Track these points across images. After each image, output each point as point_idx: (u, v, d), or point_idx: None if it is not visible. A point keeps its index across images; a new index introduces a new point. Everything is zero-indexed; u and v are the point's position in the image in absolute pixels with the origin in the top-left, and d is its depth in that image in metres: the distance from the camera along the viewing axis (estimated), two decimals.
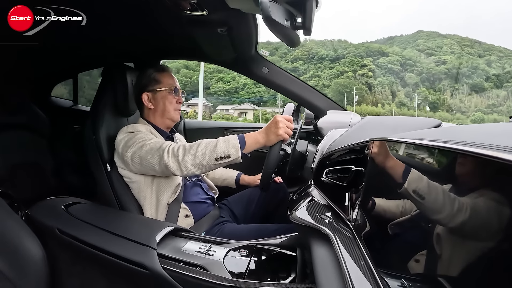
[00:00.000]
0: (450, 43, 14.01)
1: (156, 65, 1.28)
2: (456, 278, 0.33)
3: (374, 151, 0.58)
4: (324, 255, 0.61)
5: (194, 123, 2.02)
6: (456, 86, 11.39)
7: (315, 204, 0.87)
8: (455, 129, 0.65)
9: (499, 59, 12.94)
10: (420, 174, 0.44)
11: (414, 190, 0.43)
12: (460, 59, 13.02)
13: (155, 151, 1.01)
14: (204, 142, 0.98)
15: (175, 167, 0.97)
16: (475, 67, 11.48)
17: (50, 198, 1.06)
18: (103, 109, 1.18)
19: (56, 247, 0.89)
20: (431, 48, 13.95)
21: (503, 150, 0.27)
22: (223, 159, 0.96)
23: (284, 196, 1.37)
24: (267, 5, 0.61)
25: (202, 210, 1.20)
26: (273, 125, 0.97)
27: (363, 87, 11.88)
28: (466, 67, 11.56)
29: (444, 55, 13.34)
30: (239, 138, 0.98)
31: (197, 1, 0.84)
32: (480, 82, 11.22)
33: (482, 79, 11.40)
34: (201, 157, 0.96)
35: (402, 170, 0.48)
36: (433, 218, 0.39)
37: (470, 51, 12.67)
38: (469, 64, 11.35)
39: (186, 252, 0.80)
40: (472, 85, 11.04)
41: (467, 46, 13.50)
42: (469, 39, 13.36)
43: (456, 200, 0.34)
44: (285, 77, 1.61)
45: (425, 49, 13.87)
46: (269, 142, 0.98)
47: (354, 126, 1.07)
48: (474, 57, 13.06)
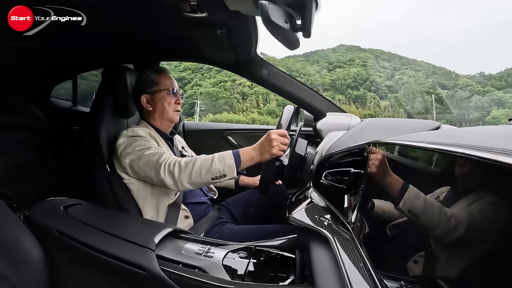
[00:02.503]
0: (367, 57, 14.17)
1: (155, 67, 1.28)
2: (455, 281, 0.33)
3: (373, 153, 0.58)
4: (323, 257, 0.61)
5: (193, 125, 2.02)
6: (338, 97, 11.71)
7: (314, 206, 0.87)
8: (454, 131, 0.65)
9: (415, 72, 13.24)
10: (418, 178, 0.44)
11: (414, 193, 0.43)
12: (369, 71, 13.15)
13: (152, 165, 1.01)
14: (200, 160, 0.98)
15: (171, 183, 0.98)
16: (366, 79, 11.70)
17: (49, 199, 1.06)
18: (103, 110, 1.17)
19: (55, 248, 0.89)
20: (342, 61, 14.06)
21: (503, 153, 0.27)
22: (218, 178, 0.96)
23: (283, 198, 1.37)
24: (267, 7, 0.61)
25: (202, 211, 1.20)
26: (267, 143, 0.96)
27: (237, 96, 12.08)
28: (351, 79, 11.78)
29: (354, 68, 13.47)
30: (234, 155, 0.98)
31: (197, 2, 0.84)
32: (364, 93, 11.48)
33: (365, 91, 11.68)
34: (197, 176, 0.96)
35: (401, 173, 0.48)
36: (432, 222, 0.39)
37: (386, 64, 12.86)
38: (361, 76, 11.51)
39: (185, 253, 0.80)
40: (355, 96, 11.30)
41: (384, 60, 13.67)
42: (389, 54, 13.63)
43: (455, 203, 0.34)
44: (285, 79, 1.61)
45: (335, 62, 13.97)
46: (263, 160, 0.98)
47: (353, 128, 1.08)
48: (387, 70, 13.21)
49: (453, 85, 10.30)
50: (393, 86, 9.15)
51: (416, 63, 12.20)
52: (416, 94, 9.57)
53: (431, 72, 11.14)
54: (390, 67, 9.45)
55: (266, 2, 0.61)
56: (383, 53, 10.75)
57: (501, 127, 0.53)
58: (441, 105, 9.45)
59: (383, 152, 0.55)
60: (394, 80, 9.28)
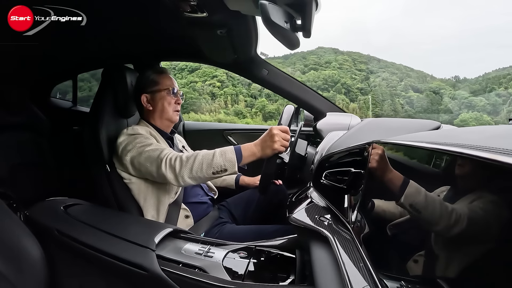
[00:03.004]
0: (344, 59, 14.09)
1: (155, 67, 1.28)
2: (455, 279, 0.33)
3: (373, 153, 0.58)
4: (323, 257, 0.61)
5: (193, 125, 2.02)
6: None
7: (314, 206, 0.87)
8: (454, 131, 0.65)
9: (390, 75, 13.19)
10: (419, 177, 0.44)
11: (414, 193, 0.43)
12: (340, 74, 13.11)
13: (153, 160, 1.01)
14: (201, 154, 0.98)
15: (173, 178, 0.98)
16: (337, 81, 11.62)
17: (49, 199, 1.06)
18: (103, 110, 1.17)
19: (55, 248, 0.89)
20: (318, 64, 13.98)
21: (502, 153, 0.27)
22: (219, 173, 0.96)
23: (283, 198, 1.37)
24: (267, 7, 0.61)
25: (202, 211, 1.20)
26: (269, 138, 0.96)
27: (207, 97, 12.01)
28: (322, 81, 11.69)
29: (327, 70, 13.47)
30: (235, 150, 0.97)
31: (197, 2, 0.84)
32: (333, 95, 11.44)
33: (335, 93, 11.63)
34: (198, 170, 0.96)
35: (401, 172, 0.48)
36: (433, 216, 0.39)
37: (363, 67, 12.74)
38: (332, 78, 11.42)
39: (185, 253, 0.80)
40: (325, 97, 11.28)
41: (361, 63, 13.54)
42: (367, 56, 13.41)
43: (454, 203, 0.34)
44: (285, 79, 1.61)
45: (311, 64, 13.88)
46: (265, 155, 0.98)
47: (354, 128, 1.08)
48: (363, 72, 13.09)
49: (425, 88, 10.45)
50: (365, 88, 9.19)
51: (394, 66, 12.26)
52: (385, 97, 9.68)
53: (405, 75, 11.28)
54: (367, 70, 9.44)
55: (266, 2, 0.61)
56: (361, 56, 10.81)
57: (501, 127, 0.53)
58: (412, 107, 9.50)
59: (383, 149, 0.55)
60: (366, 83, 9.30)
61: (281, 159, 1.21)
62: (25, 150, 1.62)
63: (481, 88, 9.87)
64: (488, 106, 8.89)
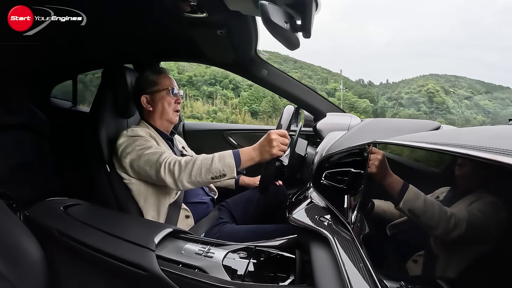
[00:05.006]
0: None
1: (155, 67, 1.28)
2: (455, 280, 0.33)
3: (373, 158, 0.58)
4: (323, 257, 0.61)
5: (193, 125, 2.02)
6: (193, 92, 11.42)
7: (314, 207, 0.87)
8: (454, 132, 0.65)
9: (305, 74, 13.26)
10: (419, 178, 0.44)
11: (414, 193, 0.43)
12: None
13: (153, 164, 1.01)
14: (200, 159, 0.98)
15: (172, 183, 0.99)
16: (225, 76, 11.59)
17: (49, 199, 1.05)
18: (103, 110, 1.17)
19: (55, 249, 0.89)
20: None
21: (502, 153, 0.27)
22: (218, 178, 0.97)
23: (283, 198, 1.37)
24: (267, 7, 0.61)
25: (203, 211, 1.20)
26: (267, 143, 0.96)
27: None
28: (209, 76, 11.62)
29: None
30: (234, 155, 0.98)
31: (197, 3, 0.84)
32: (217, 90, 11.40)
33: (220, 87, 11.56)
34: (197, 175, 0.97)
35: (401, 173, 0.48)
36: (432, 221, 0.39)
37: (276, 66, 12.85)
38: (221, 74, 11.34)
39: (185, 253, 0.80)
40: (209, 92, 11.09)
41: (275, 63, 13.51)
42: (284, 57, 13.26)
43: (455, 203, 0.34)
44: (285, 79, 1.61)
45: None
46: (263, 160, 0.98)
47: (353, 129, 1.08)
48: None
49: (321, 88, 10.90)
50: (253, 85, 9.38)
51: (311, 67, 12.58)
52: (266, 93, 10.21)
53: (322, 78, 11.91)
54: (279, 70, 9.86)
55: (266, 2, 0.61)
56: (277, 56, 11.04)
57: (500, 127, 0.53)
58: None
59: (383, 152, 0.55)
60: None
61: (280, 162, 1.22)
62: (25, 150, 1.61)
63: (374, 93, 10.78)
64: (369, 108, 9.90)
